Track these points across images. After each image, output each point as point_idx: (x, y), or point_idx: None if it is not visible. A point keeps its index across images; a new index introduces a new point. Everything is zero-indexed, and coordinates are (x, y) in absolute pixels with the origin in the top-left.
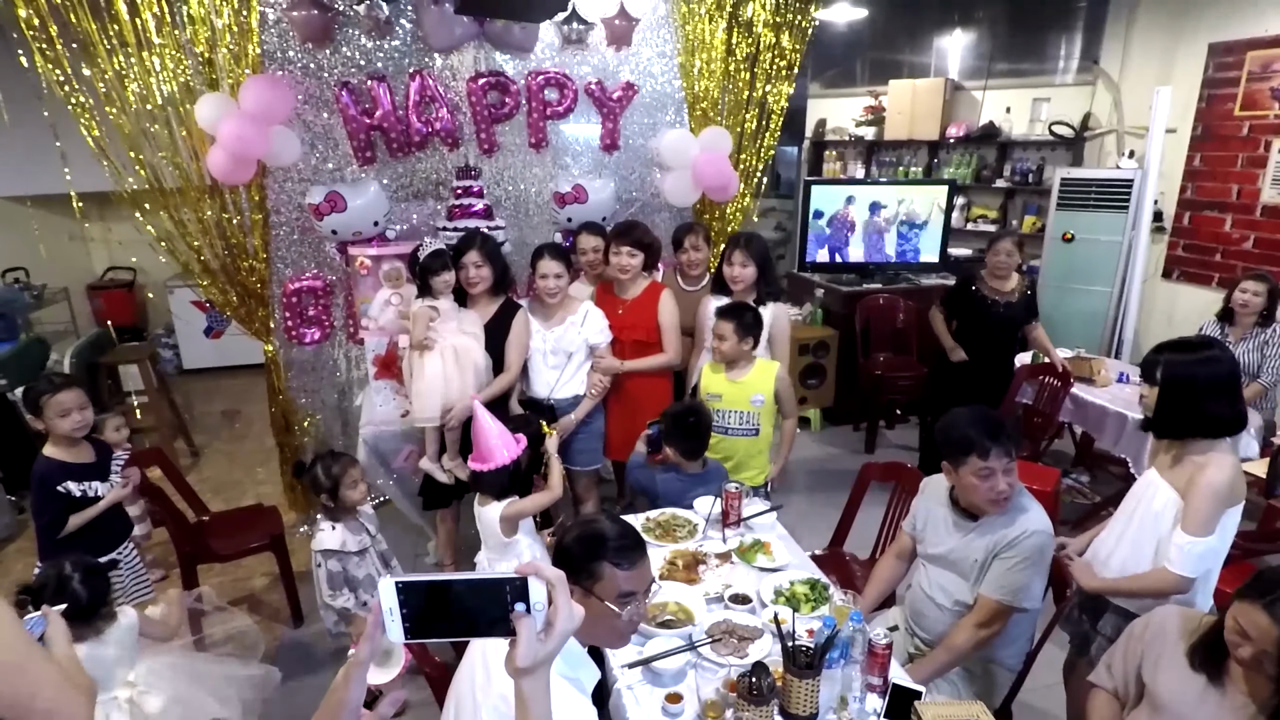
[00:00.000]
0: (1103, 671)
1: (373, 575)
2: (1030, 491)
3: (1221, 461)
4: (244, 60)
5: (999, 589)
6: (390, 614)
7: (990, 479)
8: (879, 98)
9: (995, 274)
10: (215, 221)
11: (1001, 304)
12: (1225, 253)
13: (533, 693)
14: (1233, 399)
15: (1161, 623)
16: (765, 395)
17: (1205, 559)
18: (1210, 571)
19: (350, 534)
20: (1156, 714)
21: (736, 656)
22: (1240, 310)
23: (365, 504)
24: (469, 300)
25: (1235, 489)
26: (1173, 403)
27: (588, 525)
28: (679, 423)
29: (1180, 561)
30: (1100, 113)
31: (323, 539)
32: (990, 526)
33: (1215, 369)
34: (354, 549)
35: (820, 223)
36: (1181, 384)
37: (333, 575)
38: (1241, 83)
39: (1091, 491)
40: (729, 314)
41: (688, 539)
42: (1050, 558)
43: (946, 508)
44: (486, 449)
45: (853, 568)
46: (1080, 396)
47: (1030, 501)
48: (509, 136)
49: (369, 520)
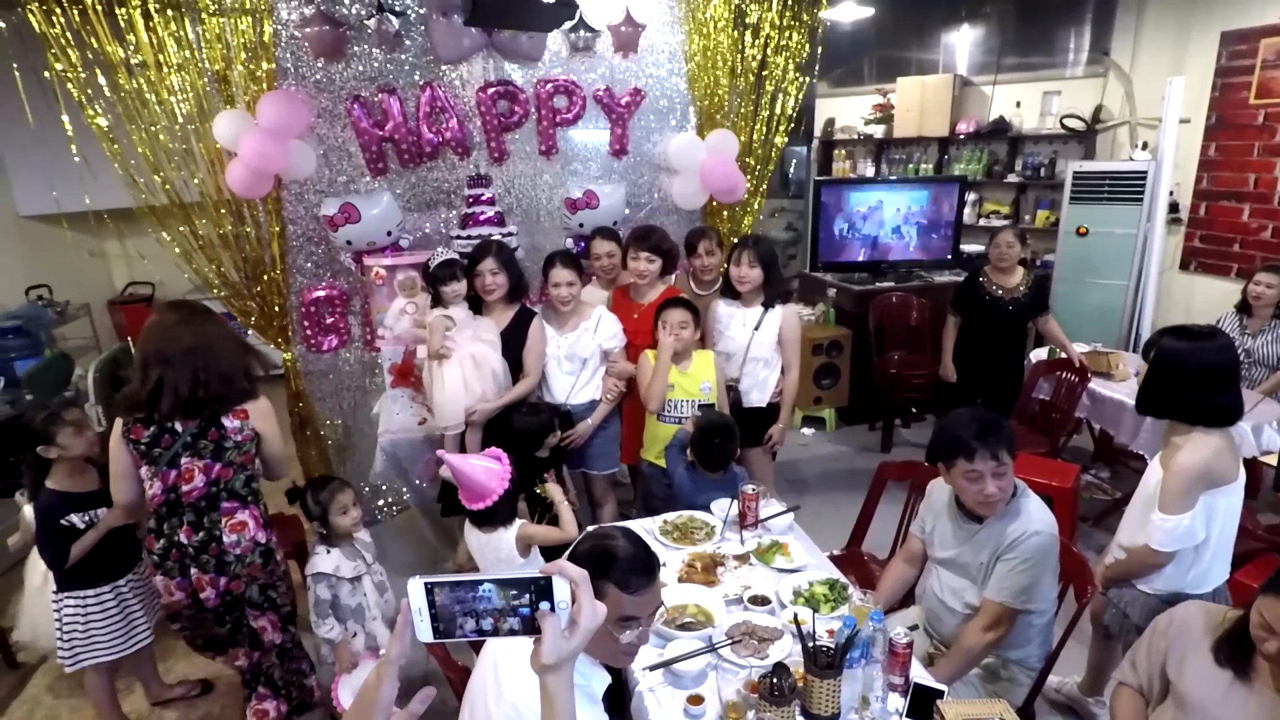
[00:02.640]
0: (1127, 669)
1: (364, 605)
2: (1049, 488)
3: (1199, 443)
4: (259, 77)
5: (1001, 591)
6: (420, 614)
7: (978, 482)
8: (887, 95)
9: (998, 267)
10: (234, 235)
11: (1007, 299)
12: (1244, 243)
13: (557, 689)
14: (1215, 391)
15: (1185, 619)
16: (711, 382)
17: (1178, 536)
18: (1201, 553)
19: (345, 559)
20: (1182, 710)
21: (757, 658)
22: (1255, 302)
23: (359, 531)
24: (484, 308)
25: (1211, 471)
26: (1157, 382)
27: (601, 541)
28: (706, 440)
29: (1154, 537)
30: (1112, 105)
31: (316, 561)
32: (993, 528)
33: (1205, 358)
34: (348, 574)
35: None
36: (1168, 366)
37: (319, 602)
38: (1256, 70)
39: (1112, 487)
40: (681, 304)
41: (705, 541)
42: (1056, 556)
43: (952, 510)
44: (477, 488)
45: (871, 567)
46: (1097, 392)
47: (1032, 501)
48: (519, 144)
49: (366, 548)
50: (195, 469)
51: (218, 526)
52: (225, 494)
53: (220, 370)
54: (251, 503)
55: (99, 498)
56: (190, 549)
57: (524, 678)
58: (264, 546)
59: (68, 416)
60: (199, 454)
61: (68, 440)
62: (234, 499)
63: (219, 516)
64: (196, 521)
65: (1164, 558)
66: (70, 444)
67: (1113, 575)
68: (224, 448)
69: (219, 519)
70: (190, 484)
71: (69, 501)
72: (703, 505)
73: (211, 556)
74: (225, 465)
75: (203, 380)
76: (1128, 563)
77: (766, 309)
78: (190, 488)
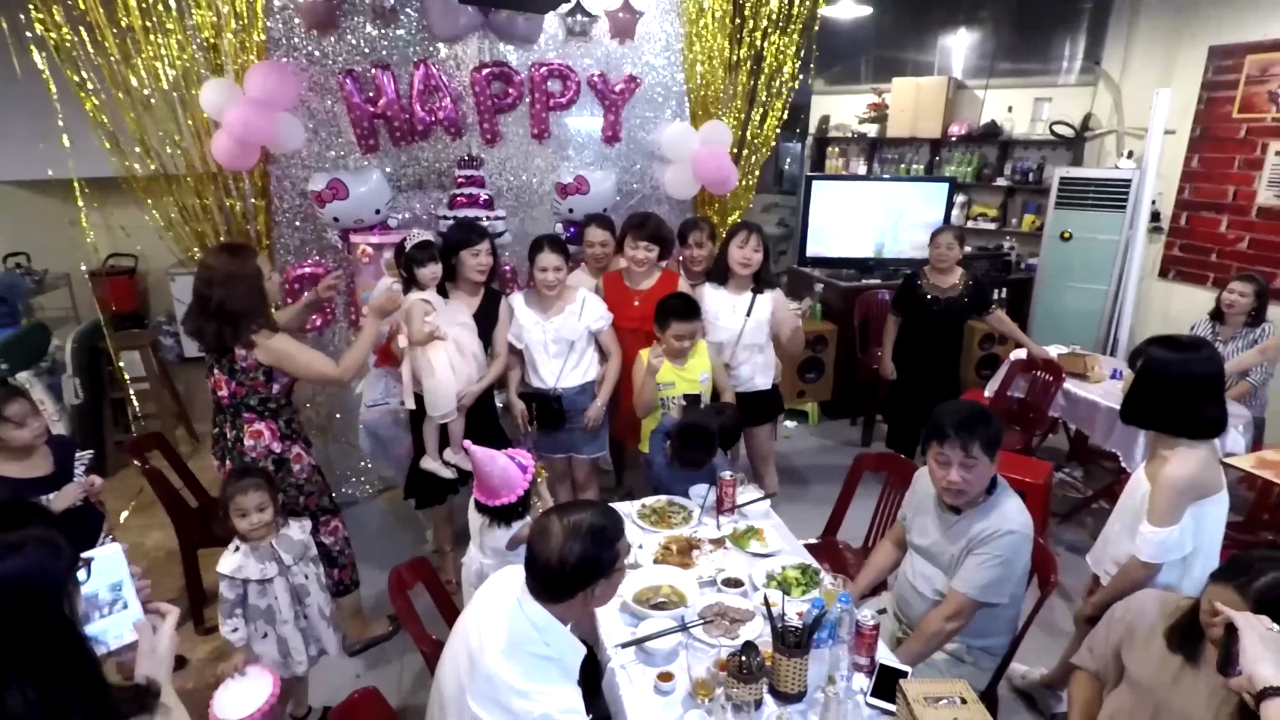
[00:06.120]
0: (1085, 654)
1: (274, 608)
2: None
3: (1185, 456)
4: (249, 46)
5: (967, 583)
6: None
7: (945, 467)
8: (882, 95)
9: (937, 268)
10: (218, 207)
11: (942, 299)
12: (1221, 253)
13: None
14: (1198, 403)
15: (1141, 606)
16: (708, 371)
17: (1167, 548)
18: (1191, 563)
19: (253, 561)
20: (1134, 693)
21: (728, 638)
22: (1228, 310)
23: (270, 534)
24: (450, 292)
25: (1199, 483)
26: (1142, 392)
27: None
28: (682, 443)
29: (1143, 550)
30: (1101, 113)
31: (222, 560)
32: (970, 521)
33: (1191, 369)
34: (254, 577)
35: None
36: (1154, 376)
37: (224, 601)
38: (1240, 85)
39: (1084, 486)
40: (688, 315)
41: (682, 525)
42: (1027, 556)
43: (934, 500)
44: (494, 487)
45: (845, 556)
46: (1073, 392)
47: (1011, 501)
48: (512, 127)
49: (288, 549)
50: (221, 381)
51: (242, 430)
52: (244, 406)
53: (230, 307)
54: (269, 417)
55: (52, 482)
56: (228, 442)
57: (498, 650)
58: (278, 456)
59: (7, 412)
60: (221, 369)
61: (8, 434)
62: (251, 412)
63: (241, 423)
64: (231, 422)
65: (1153, 570)
66: (10, 436)
67: (1102, 601)
68: (235, 370)
69: (242, 425)
70: (220, 391)
71: (15, 488)
72: (681, 492)
73: (239, 453)
74: (239, 385)
75: (211, 310)
76: (1116, 584)
77: (756, 294)
78: (221, 394)
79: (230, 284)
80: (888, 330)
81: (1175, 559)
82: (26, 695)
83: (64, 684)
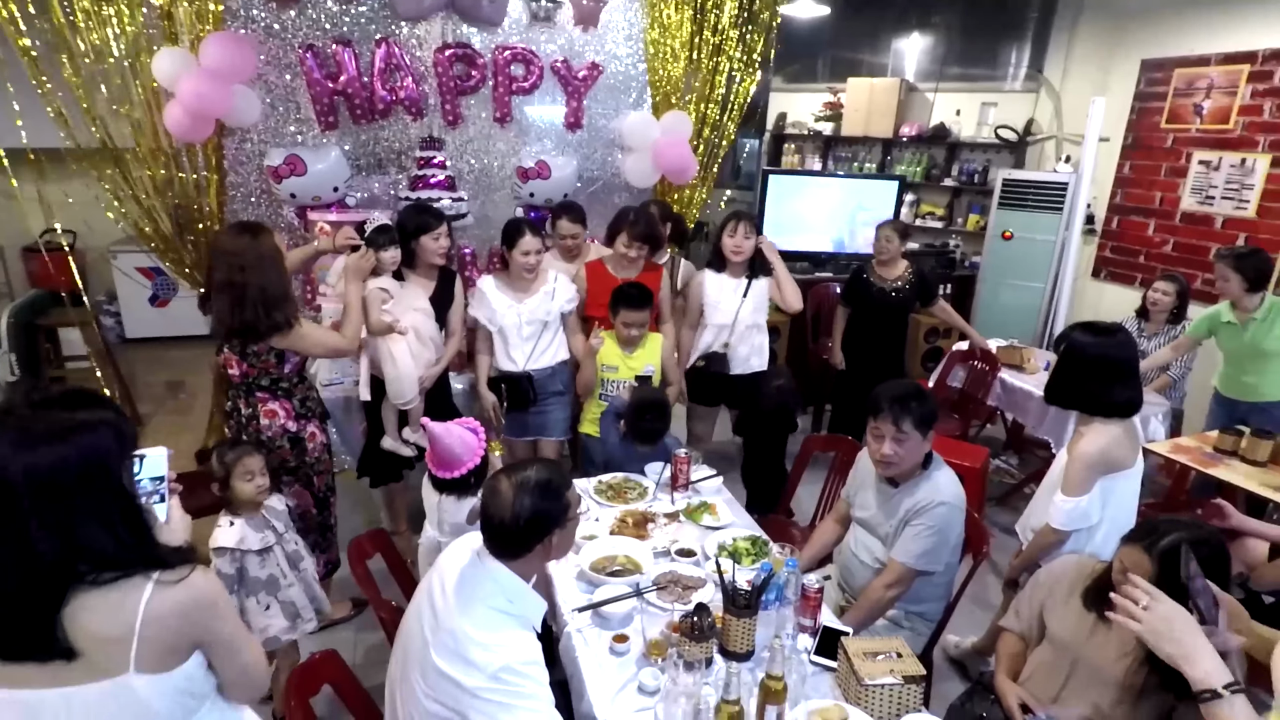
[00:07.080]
0: (1011, 616)
1: (276, 577)
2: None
3: (1098, 432)
4: (205, 16)
5: (905, 553)
6: None
7: (878, 440)
8: (838, 94)
9: (880, 260)
10: (168, 180)
11: (889, 290)
12: (1148, 255)
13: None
14: (1112, 384)
15: (1062, 570)
16: (654, 365)
17: (1076, 516)
18: (1095, 533)
19: (251, 530)
20: (1054, 648)
21: (681, 603)
22: (1153, 309)
23: (267, 498)
24: (407, 275)
25: (1109, 458)
26: (1062, 372)
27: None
28: (638, 416)
29: (1054, 517)
30: (1042, 119)
31: (218, 535)
32: (906, 493)
33: (1106, 351)
34: (255, 547)
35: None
36: (1074, 357)
37: (223, 578)
38: (1169, 97)
39: (1019, 472)
40: (638, 304)
41: (638, 500)
42: (960, 525)
43: (874, 476)
44: (450, 459)
45: (793, 531)
46: (1009, 382)
47: (944, 474)
48: (474, 110)
49: (276, 517)
50: (231, 360)
51: (256, 409)
52: (256, 387)
53: (271, 291)
54: (282, 396)
55: None
56: (243, 418)
57: (462, 605)
58: (293, 435)
59: None
60: (232, 349)
61: None
62: (264, 391)
63: (255, 401)
64: (245, 399)
65: (1063, 535)
66: None
67: (1020, 564)
68: (248, 352)
69: (256, 403)
70: (230, 370)
71: None
72: (636, 470)
73: (254, 431)
74: (250, 365)
75: (252, 297)
76: (1031, 548)
77: (751, 279)
78: (232, 372)
79: (263, 267)
80: (837, 321)
81: (1083, 528)
82: (96, 533)
83: (124, 527)
